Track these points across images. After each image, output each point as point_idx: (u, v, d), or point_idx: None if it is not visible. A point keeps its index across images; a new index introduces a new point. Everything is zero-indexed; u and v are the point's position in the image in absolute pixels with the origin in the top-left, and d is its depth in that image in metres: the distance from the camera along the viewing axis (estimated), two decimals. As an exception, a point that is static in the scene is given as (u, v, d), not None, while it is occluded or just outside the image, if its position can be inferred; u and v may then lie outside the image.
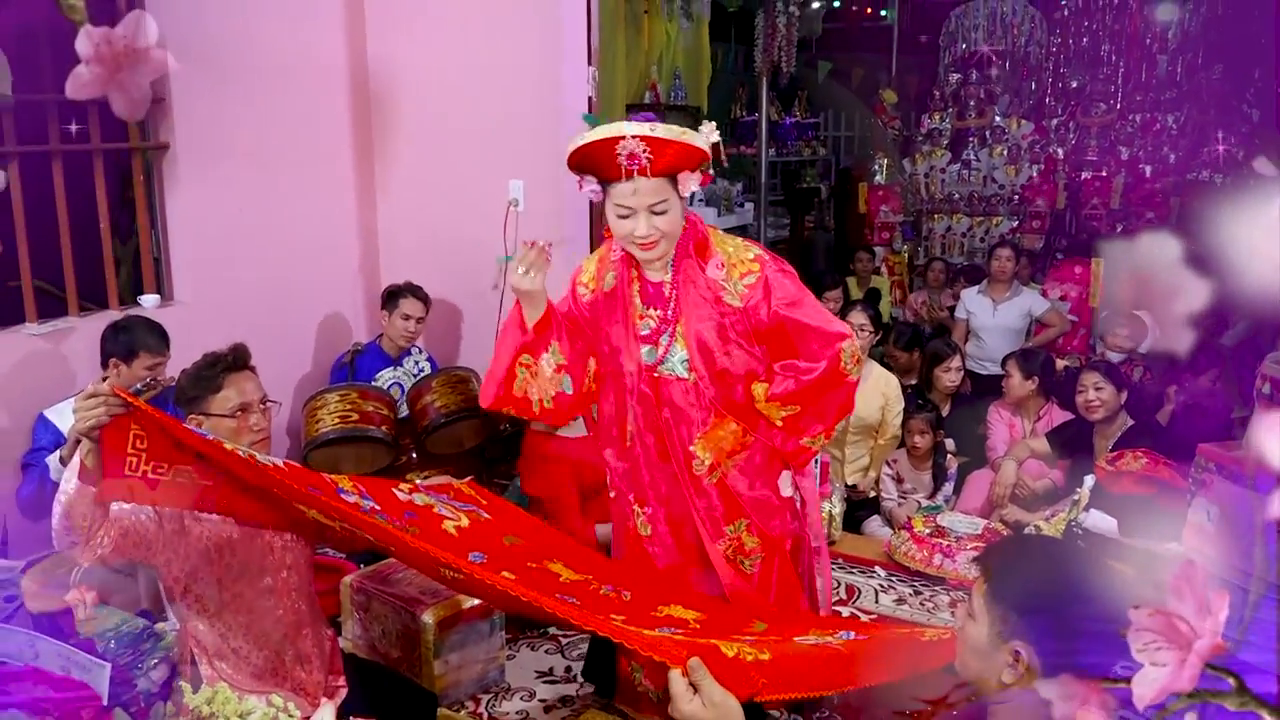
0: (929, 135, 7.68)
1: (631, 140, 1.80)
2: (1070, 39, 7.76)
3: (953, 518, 3.45)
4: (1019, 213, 7.17)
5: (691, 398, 1.98)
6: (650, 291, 2.00)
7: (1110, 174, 7.13)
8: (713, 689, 1.13)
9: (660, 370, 1.99)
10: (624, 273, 2.02)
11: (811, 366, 1.93)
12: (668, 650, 1.27)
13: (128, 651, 2.43)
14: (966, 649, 1.31)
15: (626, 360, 2.01)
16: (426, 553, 1.63)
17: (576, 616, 1.51)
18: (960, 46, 8.00)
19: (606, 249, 2.07)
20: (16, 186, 2.94)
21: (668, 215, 1.87)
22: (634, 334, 2.00)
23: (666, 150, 1.81)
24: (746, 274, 1.93)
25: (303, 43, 3.71)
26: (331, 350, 3.88)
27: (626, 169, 1.83)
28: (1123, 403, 3.38)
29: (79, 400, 1.62)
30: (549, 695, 2.56)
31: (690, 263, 1.95)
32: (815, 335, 1.93)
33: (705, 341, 1.95)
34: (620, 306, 2.01)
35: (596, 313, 2.06)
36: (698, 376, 1.96)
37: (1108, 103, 7.54)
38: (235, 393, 1.95)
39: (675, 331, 1.97)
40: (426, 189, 4.02)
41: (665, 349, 1.97)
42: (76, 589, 2.49)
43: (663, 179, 1.84)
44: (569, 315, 2.08)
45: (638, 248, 1.91)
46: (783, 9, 6.67)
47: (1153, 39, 7.58)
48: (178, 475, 1.73)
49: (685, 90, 6.99)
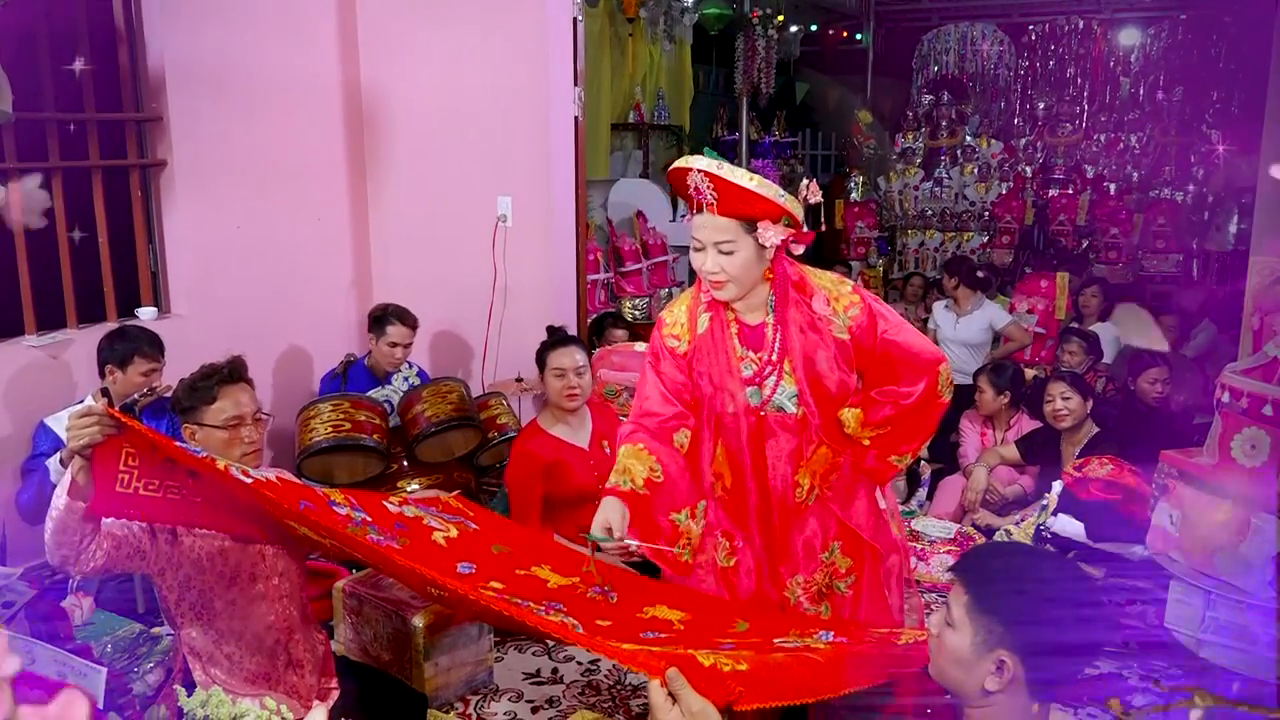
0: (903, 154, 7.87)
1: (697, 174, 1.83)
2: (1038, 62, 8.03)
3: (926, 522, 3.55)
4: (989, 228, 7.36)
5: (795, 431, 1.97)
6: (748, 334, 1.98)
7: (1076, 191, 7.35)
8: (691, 698, 1.15)
9: (767, 410, 1.97)
10: (719, 315, 1.99)
11: (910, 391, 1.96)
12: (645, 662, 1.29)
13: (124, 656, 2.47)
14: (946, 658, 1.29)
15: (728, 402, 1.98)
16: (415, 570, 1.65)
17: (560, 633, 1.54)
18: (932, 69, 8.24)
19: (695, 294, 2.05)
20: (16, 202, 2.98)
21: (734, 257, 1.86)
22: (737, 377, 1.97)
23: (734, 194, 1.81)
24: (850, 306, 1.96)
25: (298, 64, 3.79)
26: (324, 362, 3.93)
27: (696, 202, 1.87)
28: (1088, 411, 3.51)
29: (72, 419, 1.63)
30: (536, 697, 2.61)
31: (794, 300, 1.96)
32: (916, 360, 1.97)
33: (820, 376, 1.94)
34: (720, 349, 1.98)
35: (695, 358, 2.01)
36: (807, 410, 1.95)
37: (1074, 123, 7.80)
38: (229, 405, 1.97)
39: (782, 370, 1.96)
40: (417, 205, 4.10)
41: (773, 390, 1.96)
42: (74, 594, 2.53)
43: (735, 221, 1.85)
44: (673, 381, 2.02)
45: (709, 285, 1.93)
46: (762, 33, 6.84)
47: (1116, 62, 7.85)
48: (169, 492, 1.76)
49: (668, 110, 7.14)
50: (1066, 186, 7.45)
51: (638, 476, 1.90)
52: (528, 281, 3.93)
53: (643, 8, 6.44)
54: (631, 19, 6.48)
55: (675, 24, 6.77)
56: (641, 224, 6.29)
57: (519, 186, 3.88)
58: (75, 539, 1.73)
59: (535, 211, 3.87)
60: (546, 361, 3.06)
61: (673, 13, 6.70)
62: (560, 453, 3.02)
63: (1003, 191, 7.42)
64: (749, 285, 1.93)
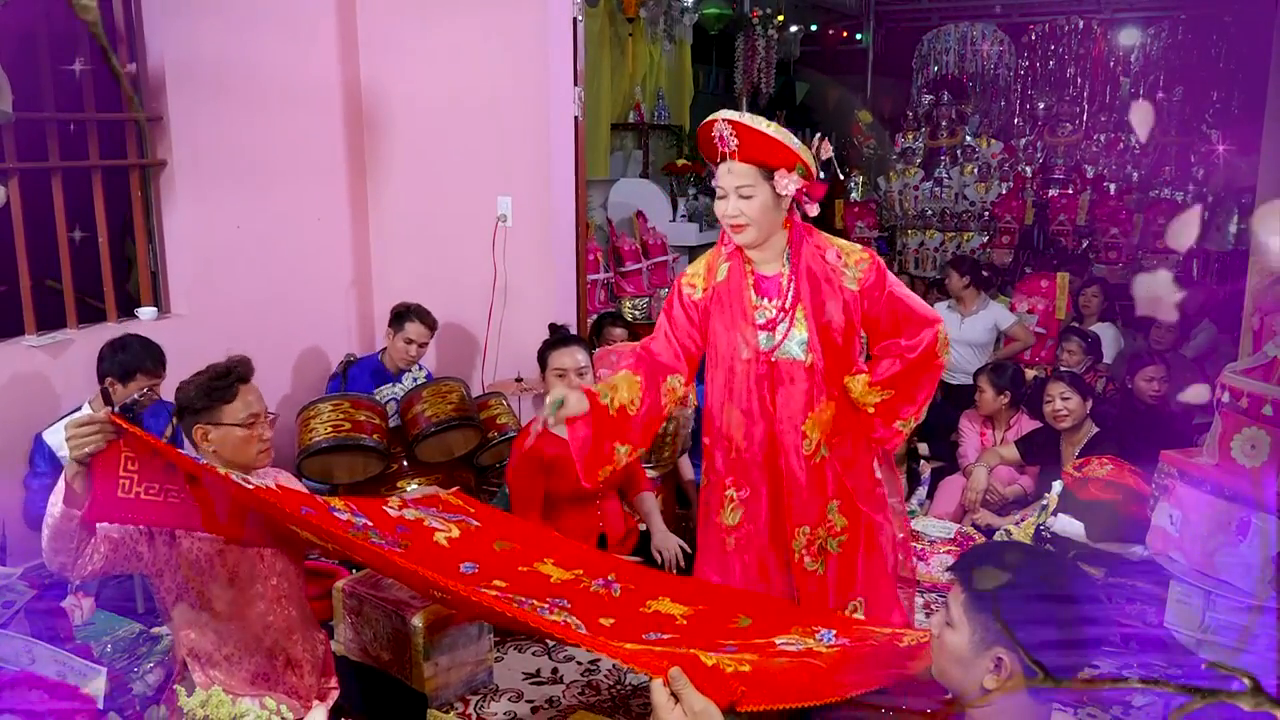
0: (903, 154, 7.87)
1: (721, 124, 1.99)
2: (1038, 62, 8.03)
3: (926, 522, 3.55)
4: (989, 228, 7.36)
5: (804, 379, 2.09)
6: (764, 283, 2.12)
7: (1076, 191, 7.35)
8: (693, 698, 1.15)
9: (777, 355, 2.10)
10: (737, 265, 2.14)
11: (914, 345, 2.11)
12: (648, 662, 1.30)
13: (123, 656, 2.47)
14: (946, 657, 1.30)
15: (742, 348, 2.11)
16: (417, 573, 1.66)
17: (562, 634, 1.55)
18: (932, 69, 8.24)
19: (717, 246, 2.19)
20: (17, 202, 2.98)
21: (753, 201, 2.02)
22: (751, 322, 2.10)
23: (754, 140, 1.97)
24: (859, 261, 2.11)
25: (298, 64, 3.80)
26: (324, 362, 3.94)
27: (720, 151, 2.02)
28: (1088, 411, 3.51)
29: (72, 428, 1.64)
30: (536, 697, 2.61)
31: (808, 251, 2.11)
32: (918, 317, 2.13)
33: (829, 323, 2.08)
34: (736, 297, 2.12)
35: (711, 306, 2.16)
36: (815, 357, 2.08)
37: (1073, 123, 7.80)
38: (249, 401, 2.00)
39: (794, 317, 2.09)
40: (417, 205, 4.10)
41: (784, 335, 2.09)
42: (73, 594, 2.53)
43: (754, 167, 2.00)
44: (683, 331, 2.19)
45: (730, 229, 2.07)
46: (762, 32, 6.84)
47: (1116, 62, 7.86)
48: (169, 496, 1.77)
49: (668, 110, 7.14)
50: (1066, 186, 7.45)
51: (619, 398, 2.07)
52: (528, 281, 3.94)
53: (643, 7, 6.44)
54: (631, 19, 6.48)
55: (675, 24, 6.78)
56: (641, 224, 6.29)
57: (519, 186, 3.89)
58: (71, 545, 1.74)
59: (535, 211, 3.88)
60: (548, 361, 3.06)
61: (673, 12, 6.70)
62: (562, 449, 3.01)
63: (1003, 191, 7.42)
64: (768, 230, 2.07)
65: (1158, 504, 2.71)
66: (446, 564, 1.83)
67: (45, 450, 2.75)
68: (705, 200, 6.98)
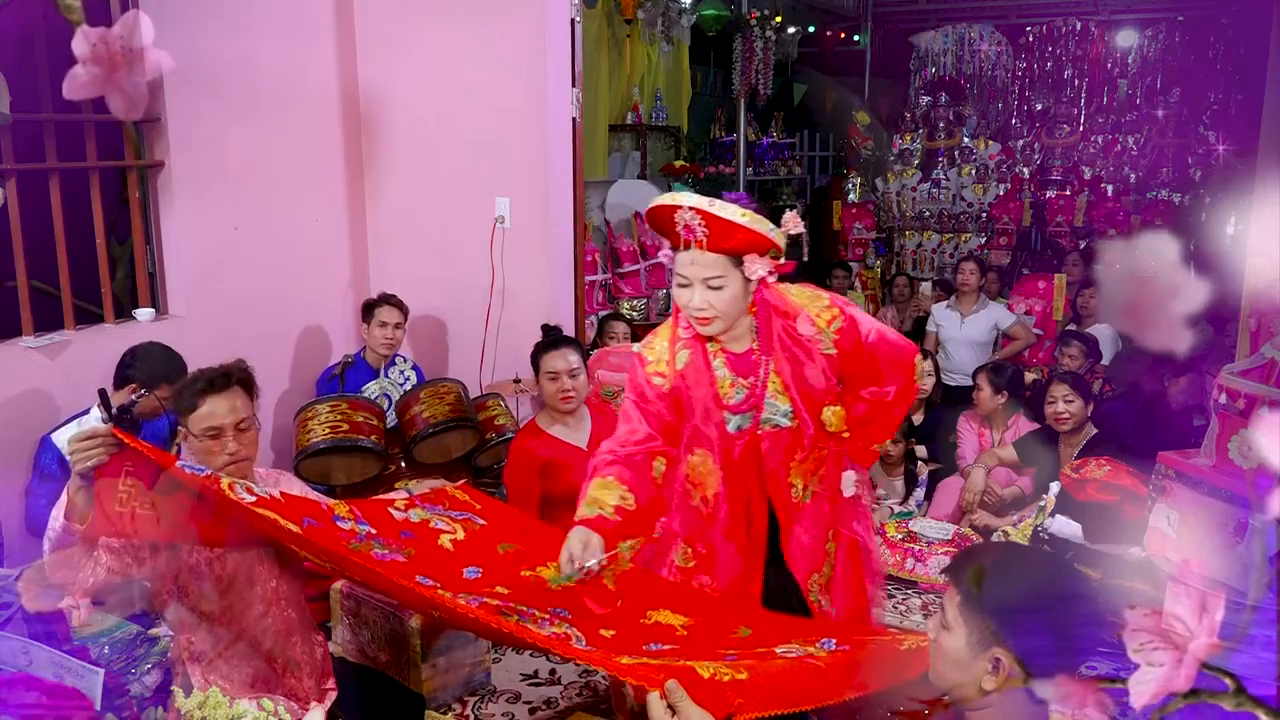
0: (900, 155, 7.89)
1: (687, 212, 1.81)
2: (1035, 63, 8.04)
3: (924, 523, 3.55)
4: (987, 229, 7.38)
5: (787, 441, 2.00)
6: (736, 361, 2.00)
7: (1074, 192, 7.37)
8: (690, 710, 1.16)
9: (762, 428, 1.99)
10: (698, 347, 2.00)
11: (889, 390, 2.04)
12: (645, 675, 1.30)
13: (121, 657, 2.47)
14: (943, 659, 1.30)
15: (714, 431, 1.99)
16: (415, 592, 1.65)
17: (560, 648, 1.54)
18: (930, 71, 8.25)
19: (672, 326, 2.05)
20: (14, 203, 2.98)
21: (723, 293, 1.87)
22: (719, 405, 1.98)
23: (726, 229, 1.81)
24: (832, 320, 1.99)
25: (296, 65, 3.79)
26: (322, 363, 3.94)
27: (684, 239, 1.85)
28: (1089, 414, 3.52)
29: (75, 441, 1.63)
30: (534, 698, 2.62)
31: (780, 326, 1.98)
32: (895, 358, 2.04)
33: (812, 391, 1.98)
34: (703, 382, 1.99)
35: (680, 392, 2.02)
36: (801, 424, 1.98)
37: (1071, 124, 7.82)
38: (208, 414, 1.93)
39: (773, 393, 1.98)
40: (415, 206, 4.10)
41: (760, 411, 1.98)
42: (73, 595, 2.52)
43: (723, 256, 1.85)
44: (656, 413, 2.03)
45: (695, 322, 1.93)
46: (760, 34, 6.85)
47: (1114, 64, 7.87)
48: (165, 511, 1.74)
49: (666, 111, 7.15)
50: (1064, 188, 7.47)
51: (607, 505, 1.89)
52: (525, 283, 3.94)
53: (640, 9, 6.45)
54: (629, 20, 6.49)
55: (673, 25, 6.79)
56: (639, 225, 6.30)
57: (517, 188, 3.89)
58: (72, 560, 1.73)
59: (533, 213, 3.88)
60: (540, 364, 3.06)
61: (670, 14, 6.71)
62: (557, 452, 3.02)
63: (1000, 193, 7.44)
64: (734, 319, 1.94)
65: (1155, 505, 2.72)
66: (451, 569, 1.83)
67: (54, 452, 2.71)
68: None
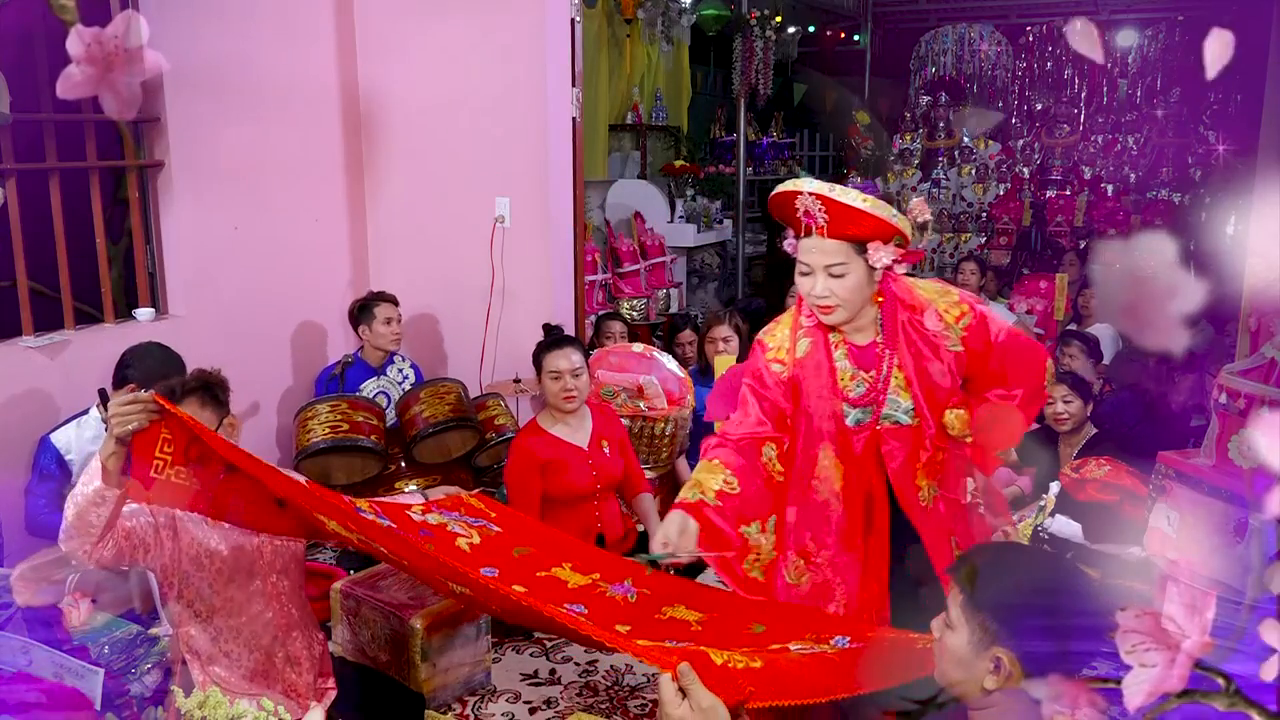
0: (900, 155, 7.89)
1: (808, 197, 1.80)
2: (1035, 63, 8.05)
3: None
4: (987, 229, 7.38)
5: (909, 440, 1.95)
6: (858, 353, 1.96)
7: (1074, 192, 7.37)
8: (701, 694, 1.14)
9: (882, 423, 1.95)
10: (820, 340, 1.97)
11: (1017, 393, 1.98)
12: (658, 657, 1.31)
13: (121, 657, 2.47)
14: (946, 658, 1.30)
15: (829, 422, 1.95)
16: (439, 565, 1.67)
17: (584, 629, 1.56)
18: (930, 70, 8.26)
19: (795, 315, 2.02)
20: (14, 203, 2.98)
21: (845, 280, 1.84)
22: (841, 397, 1.94)
23: (846, 215, 1.79)
24: (960, 316, 1.94)
25: (295, 65, 3.80)
26: (322, 363, 3.94)
27: (805, 225, 1.84)
28: (1089, 414, 3.52)
29: (116, 405, 1.64)
30: (534, 697, 2.62)
31: (905, 319, 1.94)
32: (1025, 359, 1.98)
33: (936, 389, 1.93)
34: (823, 373, 1.95)
35: (799, 380, 1.99)
36: (923, 422, 1.94)
37: (1071, 124, 7.82)
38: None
39: (895, 388, 1.94)
40: (415, 206, 4.10)
41: (881, 406, 1.94)
42: (71, 594, 2.52)
43: (845, 243, 1.82)
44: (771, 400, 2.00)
45: (818, 310, 1.90)
46: (760, 33, 6.85)
47: (1114, 64, 7.88)
48: (196, 481, 1.76)
49: (666, 111, 7.15)
50: (1064, 187, 7.47)
51: (709, 489, 1.89)
52: (525, 282, 3.94)
53: (640, 8, 6.45)
54: (629, 20, 6.49)
55: (673, 25, 6.79)
56: (639, 225, 6.30)
57: (517, 187, 3.89)
58: (96, 528, 1.72)
59: (533, 212, 3.88)
60: (543, 364, 3.06)
61: (670, 13, 6.71)
62: (557, 451, 3.02)
63: (1000, 193, 7.45)
64: (858, 308, 1.90)
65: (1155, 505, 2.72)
66: (468, 567, 1.85)
67: (54, 452, 2.71)
68: (703, 201, 6.99)
